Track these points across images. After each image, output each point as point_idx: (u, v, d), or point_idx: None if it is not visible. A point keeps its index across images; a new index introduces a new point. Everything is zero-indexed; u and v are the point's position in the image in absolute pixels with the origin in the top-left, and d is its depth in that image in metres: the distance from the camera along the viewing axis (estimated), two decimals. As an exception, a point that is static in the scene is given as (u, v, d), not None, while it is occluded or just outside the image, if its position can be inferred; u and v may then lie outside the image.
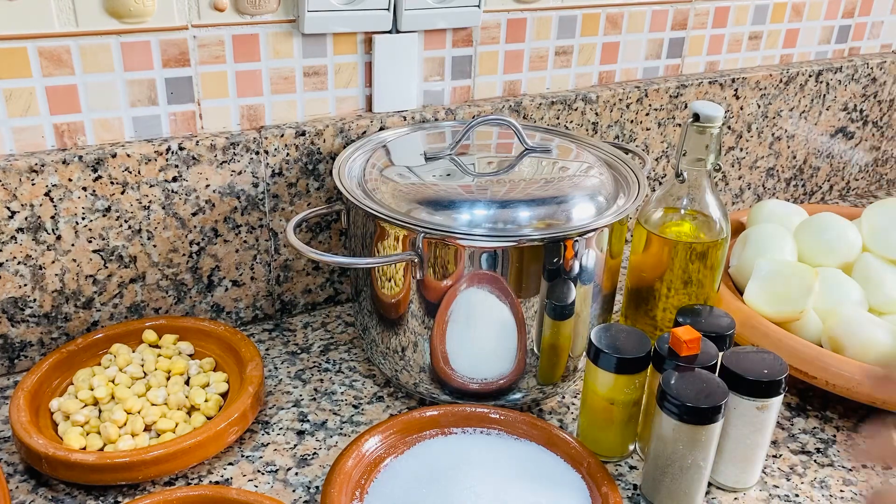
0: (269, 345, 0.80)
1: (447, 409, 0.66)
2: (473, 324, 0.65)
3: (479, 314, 0.65)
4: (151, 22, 0.68)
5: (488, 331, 0.66)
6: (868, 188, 1.23)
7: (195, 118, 0.74)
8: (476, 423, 0.65)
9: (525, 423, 0.65)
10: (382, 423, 0.64)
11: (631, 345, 0.62)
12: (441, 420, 0.65)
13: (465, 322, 0.65)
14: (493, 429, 0.65)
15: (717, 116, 0.67)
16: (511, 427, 0.65)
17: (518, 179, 0.68)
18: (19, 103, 0.66)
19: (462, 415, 0.65)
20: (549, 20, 0.87)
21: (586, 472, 0.61)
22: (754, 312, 0.75)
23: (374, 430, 0.63)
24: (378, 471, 0.61)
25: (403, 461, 0.62)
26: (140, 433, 0.63)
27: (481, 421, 0.65)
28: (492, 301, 0.64)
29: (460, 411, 0.66)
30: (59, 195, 0.69)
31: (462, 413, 0.65)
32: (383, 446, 0.63)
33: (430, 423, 0.65)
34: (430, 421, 0.65)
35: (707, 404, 0.56)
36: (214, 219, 0.76)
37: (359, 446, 0.62)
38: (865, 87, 1.12)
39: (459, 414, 0.65)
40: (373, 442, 0.63)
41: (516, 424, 0.65)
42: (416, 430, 0.65)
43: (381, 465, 0.62)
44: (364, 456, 0.62)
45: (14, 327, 0.71)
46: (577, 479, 0.60)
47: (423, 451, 0.63)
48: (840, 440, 0.70)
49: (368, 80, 0.80)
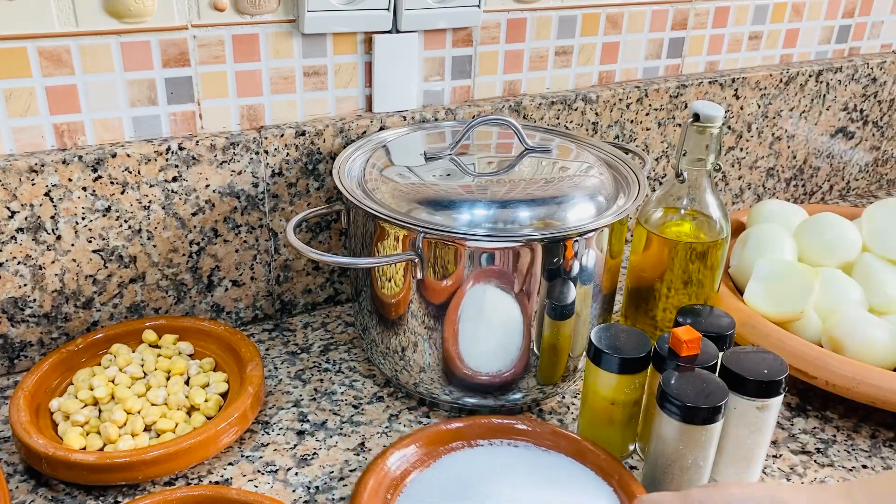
0: (269, 345, 0.80)
1: (473, 421, 0.64)
2: (474, 324, 0.65)
3: (480, 314, 0.65)
4: (151, 22, 0.68)
5: (489, 331, 0.66)
6: (868, 188, 1.23)
7: (195, 118, 0.74)
8: (503, 435, 0.64)
9: (552, 434, 0.64)
10: (407, 437, 0.63)
11: (631, 345, 0.62)
12: (467, 432, 0.64)
13: (465, 322, 0.65)
14: (521, 440, 0.64)
15: (717, 116, 0.67)
16: (538, 438, 0.64)
17: (518, 179, 0.68)
18: (19, 103, 0.66)
19: (488, 426, 0.64)
20: (549, 20, 0.87)
21: (617, 484, 0.59)
22: (754, 312, 0.75)
23: (399, 444, 0.62)
24: (404, 485, 0.60)
25: (430, 475, 0.61)
26: (140, 433, 0.63)
27: (508, 432, 0.64)
28: (492, 301, 0.64)
29: (486, 423, 0.64)
30: (59, 195, 0.69)
31: (488, 425, 0.64)
32: (408, 460, 0.62)
33: (455, 435, 0.64)
34: (456, 433, 0.64)
35: (707, 404, 0.56)
36: (214, 219, 0.76)
37: (384, 460, 0.61)
38: (865, 87, 1.12)
39: (486, 426, 0.64)
40: (397, 456, 0.61)
41: (544, 436, 0.64)
42: (441, 442, 0.63)
43: (406, 480, 0.60)
44: (389, 471, 0.60)
45: (14, 327, 0.71)
46: (609, 491, 0.59)
47: (449, 465, 0.61)
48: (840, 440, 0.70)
49: (368, 80, 0.80)
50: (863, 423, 0.72)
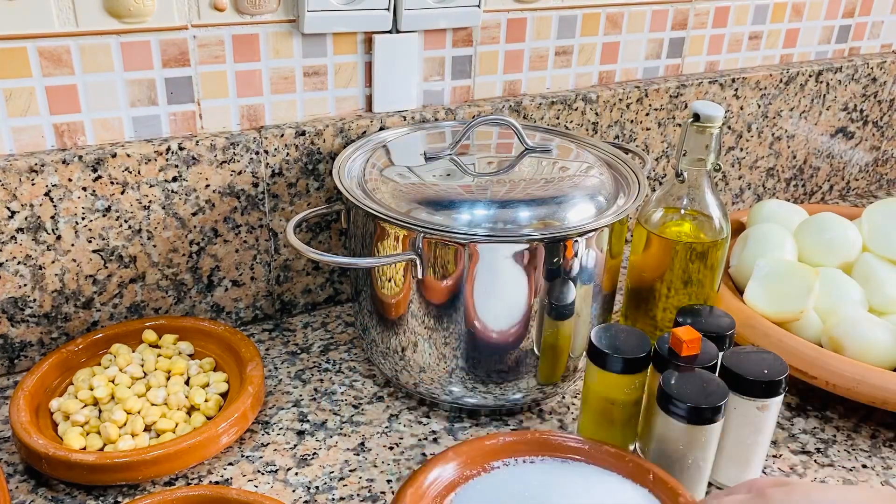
0: (269, 345, 0.80)
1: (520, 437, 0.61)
2: (473, 324, 0.65)
3: (480, 314, 0.65)
4: (151, 22, 0.68)
5: (488, 331, 0.66)
6: (868, 188, 1.23)
7: (195, 118, 0.74)
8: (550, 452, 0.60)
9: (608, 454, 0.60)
10: (447, 452, 0.59)
11: (631, 345, 0.62)
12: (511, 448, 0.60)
13: (465, 322, 0.65)
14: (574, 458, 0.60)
15: (717, 116, 0.67)
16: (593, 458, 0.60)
17: (518, 179, 0.68)
18: (19, 103, 0.66)
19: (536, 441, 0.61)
20: (549, 20, 0.87)
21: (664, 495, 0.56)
22: (754, 312, 0.75)
23: (438, 461, 0.58)
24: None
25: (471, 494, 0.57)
26: (140, 433, 0.63)
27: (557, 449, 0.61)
28: (492, 301, 0.64)
29: (534, 438, 0.61)
30: (59, 195, 0.69)
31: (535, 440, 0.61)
32: (448, 478, 0.58)
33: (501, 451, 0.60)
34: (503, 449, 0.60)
35: (707, 404, 0.56)
36: (214, 219, 0.76)
37: (423, 476, 0.57)
38: (865, 87, 1.12)
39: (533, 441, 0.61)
40: (436, 473, 0.58)
41: (599, 455, 0.60)
42: (486, 458, 0.60)
43: (446, 500, 0.57)
44: (427, 489, 0.57)
45: (14, 327, 0.71)
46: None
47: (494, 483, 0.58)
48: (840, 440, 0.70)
49: (368, 80, 0.80)
50: (863, 423, 0.72)
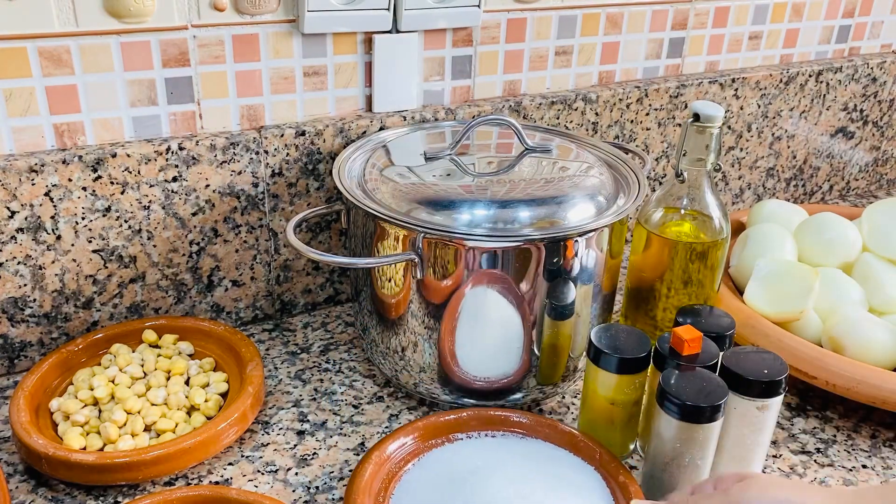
0: (269, 345, 0.80)
1: (471, 414, 0.65)
2: (473, 324, 0.65)
3: (480, 314, 0.65)
4: (151, 22, 0.68)
5: (489, 331, 0.66)
6: (868, 188, 1.23)
7: (195, 118, 0.74)
8: (498, 427, 0.65)
9: (546, 425, 0.64)
10: (402, 428, 0.64)
11: (631, 345, 0.62)
12: (462, 423, 0.65)
13: (465, 322, 0.65)
14: (516, 432, 0.65)
15: (717, 116, 0.67)
16: (532, 430, 0.65)
17: (518, 179, 0.68)
18: (19, 103, 0.66)
19: (484, 418, 0.65)
20: (549, 20, 0.87)
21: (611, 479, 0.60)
22: (754, 312, 0.75)
23: (395, 435, 0.63)
24: (399, 477, 0.61)
25: (425, 466, 0.61)
26: (140, 433, 0.63)
27: (504, 424, 0.65)
28: (492, 301, 0.64)
29: (482, 414, 0.65)
30: (59, 195, 0.69)
31: (485, 416, 0.65)
32: (404, 451, 0.63)
33: (451, 426, 0.65)
34: (452, 424, 0.65)
35: (707, 403, 0.56)
36: (214, 219, 0.76)
37: (380, 451, 0.61)
38: (865, 87, 1.12)
39: (481, 417, 0.65)
40: (394, 447, 0.62)
41: (538, 428, 0.64)
42: (437, 434, 0.64)
43: (402, 471, 0.61)
44: (385, 461, 0.61)
45: (14, 327, 0.71)
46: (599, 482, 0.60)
47: (443, 456, 0.62)
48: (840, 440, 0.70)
49: (368, 80, 0.80)
50: (863, 423, 0.72)
